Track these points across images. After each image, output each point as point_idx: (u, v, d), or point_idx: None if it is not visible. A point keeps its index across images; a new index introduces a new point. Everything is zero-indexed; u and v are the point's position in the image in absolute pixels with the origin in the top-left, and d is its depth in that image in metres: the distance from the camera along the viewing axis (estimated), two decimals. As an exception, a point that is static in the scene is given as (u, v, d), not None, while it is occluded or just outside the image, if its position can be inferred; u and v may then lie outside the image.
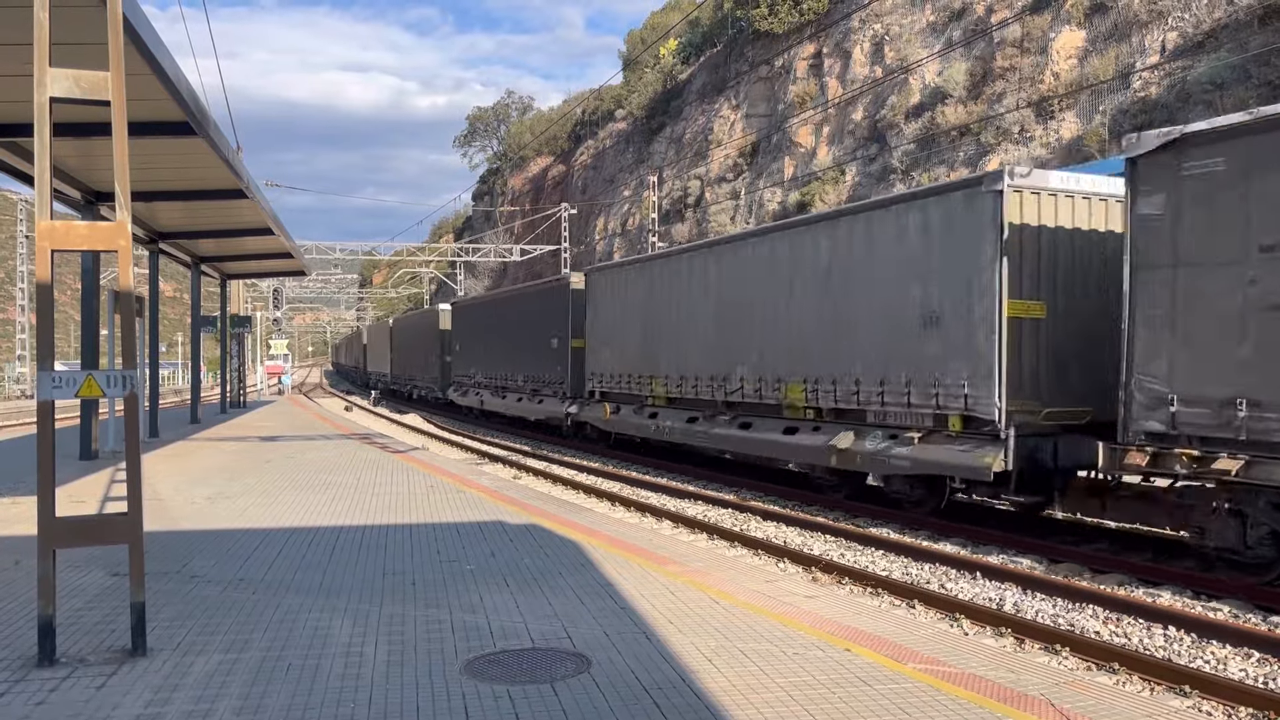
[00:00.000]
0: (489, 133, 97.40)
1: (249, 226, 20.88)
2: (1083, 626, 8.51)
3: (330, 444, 20.70)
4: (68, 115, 7.04)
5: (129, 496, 5.86)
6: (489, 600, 7.14)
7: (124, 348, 6.32)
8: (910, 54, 36.06)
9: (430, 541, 9.41)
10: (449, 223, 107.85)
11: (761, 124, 45.43)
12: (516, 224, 72.16)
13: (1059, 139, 28.17)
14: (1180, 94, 24.25)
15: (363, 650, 5.94)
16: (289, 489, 13.31)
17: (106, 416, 19.22)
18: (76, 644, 6.04)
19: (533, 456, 23.36)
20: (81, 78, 5.70)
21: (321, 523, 10.55)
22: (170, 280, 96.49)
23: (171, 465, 16.23)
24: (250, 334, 52.39)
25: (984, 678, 5.62)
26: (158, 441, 20.77)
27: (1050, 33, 30.14)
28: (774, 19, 43.74)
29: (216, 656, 5.81)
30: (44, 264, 5.77)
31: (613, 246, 56.78)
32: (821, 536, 12.81)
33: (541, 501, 12.76)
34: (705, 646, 6.05)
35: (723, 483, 17.87)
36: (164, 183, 15.97)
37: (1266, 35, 22.30)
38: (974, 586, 10.00)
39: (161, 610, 6.77)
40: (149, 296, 21.65)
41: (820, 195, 37.31)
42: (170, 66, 10.05)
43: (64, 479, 13.43)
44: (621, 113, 63.09)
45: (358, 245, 56.72)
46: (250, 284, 65.31)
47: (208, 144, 12.88)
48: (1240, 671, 7.35)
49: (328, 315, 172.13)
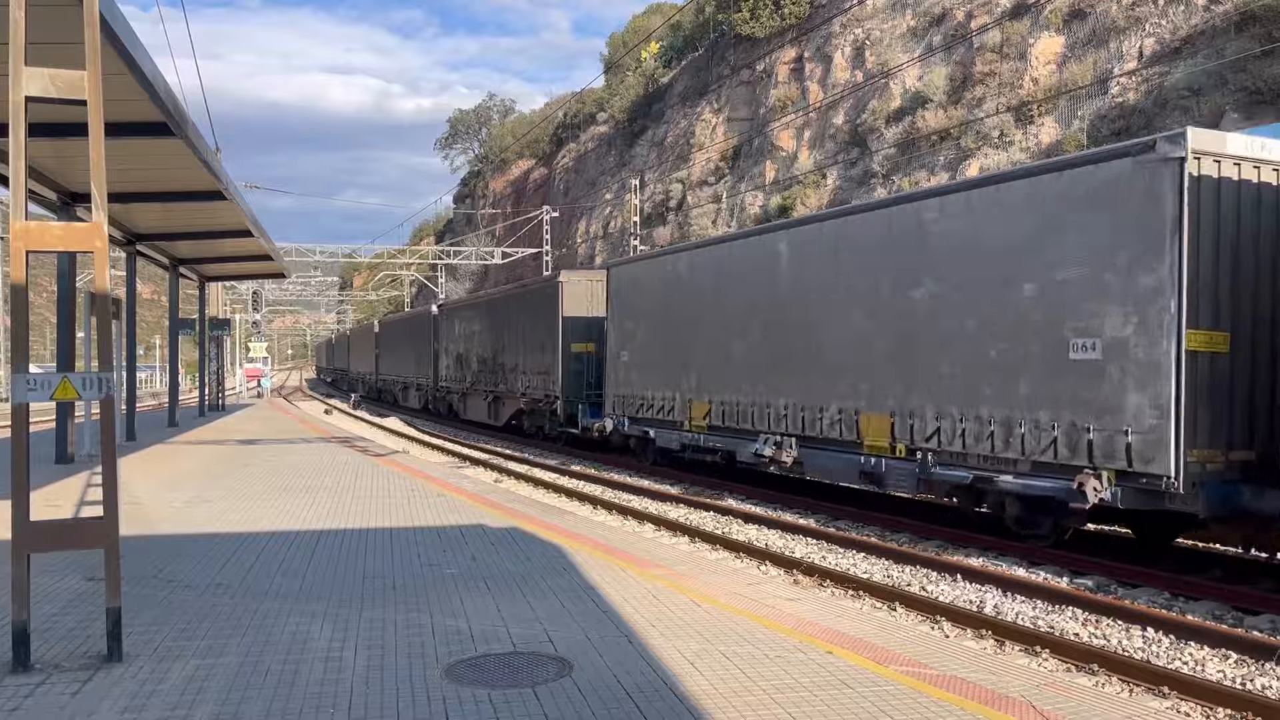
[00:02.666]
0: (470, 135, 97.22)
1: (228, 228, 20.73)
2: (1062, 628, 8.56)
3: (310, 447, 20.56)
4: (44, 115, 6.96)
5: (105, 500, 5.79)
6: (470, 604, 7.10)
7: (100, 350, 6.25)
8: (891, 59, 36.23)
9: (411, 545, 9.35)
10: (430, 225, 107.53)
11: (743, 128, 45.53)
12: (498, 227, 72.04)
13: (1038, 144, 28.37)
14: (1158, 100, 24.47)
15: (342, 655, 5.89)
16: (268, 493, 13.21)
17: (83, 420, 19.02)
18: (51, 650, 5.97)
19: (514, 460, 23.29)
20: (58, 77, 5.63)
21: (301, 527, 10.47)
22: (148, 282, 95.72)
23: (148, 469, 16.08)
24: (229, 337, 52.03)
25: (965, 679, 5.63)
26: (135, 445, 20.57)
27: (1029, 38, 30.35)
28: (755, 23, 43.85)
29: (194, 662, 5.75)
30: (19, 265, 5.70)
31: (594, 250, 56.75)
32: (803, 539, 12.82)
33: (523, 505, 12.72)
34: (687, 649, 6.03)
35: (705, 486, 17.87)
36: (142, 184, 15.83)
37: (1243, 42, 22.53)
38: (955, 589, 10.04)
39: (138, 615, 6.70)
40: (126, 299, 21.48)
41: (801, 199, 37.42)
42: (148, 66, 9.96)
43: (39, 482, 13.28)
44: (603, 116, 63.10)
45: (338, 248, 56.44)
46: (229, 286, 64.84)
47: (186, 145, 12.78)
48: (1218, 672, 7.40)
49: (308, 318, 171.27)
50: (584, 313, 24.03)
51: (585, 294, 24.21)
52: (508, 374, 28.35)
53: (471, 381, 32.12)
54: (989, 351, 11.38)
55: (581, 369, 23.75)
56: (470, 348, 32.57)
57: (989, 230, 11.46)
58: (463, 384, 33.35)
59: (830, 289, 14.22)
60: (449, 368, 35.47)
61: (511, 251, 56.15)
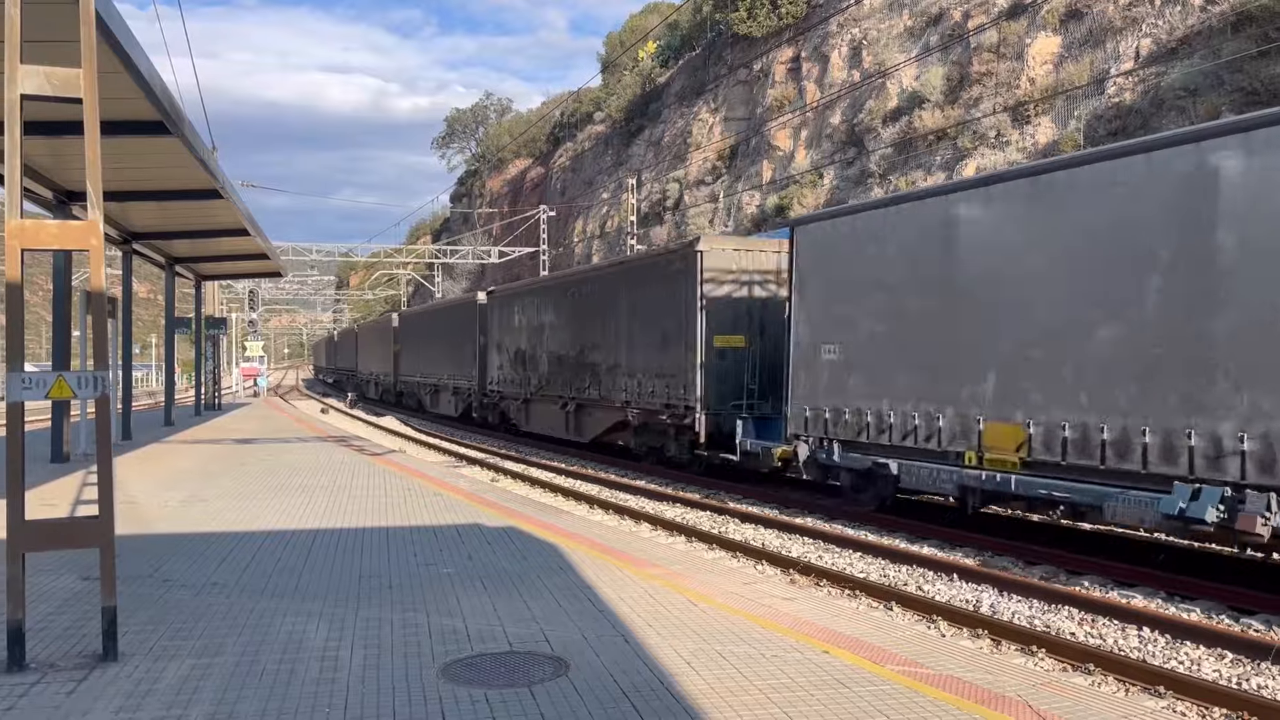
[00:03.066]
0: (467, 135, 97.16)
1: (225, 227, 20.70)
2: (1059, 628, 8.56)
3: (307, 447, 20.54)
4: (40, 113, 6.96)
5: (100, 499, 5.77)
6: (466, 603, 7.10)
7: (96, 349, 6.24)
8: (888, 59, 36.24)
9: (407, 544, 9.34)
10: (427, 224, 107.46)
11: (740, 127, 45.54)
12: (495, 225, 71.96)
13: (1035, 143, 28.40)
14: (1154, 100, 24.50)
15: (338, 654, 5.88)
16: (264, 492, 13.19)
17: (78, 419, 19.00)
18: (47, 649, 5.95)
19: (511, 459, 23.27)
20: (54, 75, 5.62)
21: (297, 526, 10.46)
22: (144, 281, 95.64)
23: (144, 468, 16.05)
24: (225, 336, 51.96)
25: (962, 679, 5.63)
26: (130, 444, 20.54)
27: (1026, 38, 30.38)
28: (752, 23, 43.85)
29: (189, 661, 5.73)
30: (14, 263, 5.69)
31: (591, 249, 56.74)
32: (800, 539, 12.82)
33: (519, 504, 12.71)
34: (684, 649, 6.03)
35: (701, 485, 17.86)
36: (138, 182, 15.80)
37: (1239, 42, 22.56)
38: (951, 588, 10.04)
39: (134, 615, 6.68)
40: (122, 297, 21.44)
41: (799, 199, 37.43)
42: (144, 65, 9.94)
43: (35, 482, 13.25)
44: (600, 115, 63.10)
45: (334, 246, 56.36)
46: (226, 285, 64.78)
47: (182, 144, 12.76)
48: (1214, 672, 7.41)
49: (304, 317, 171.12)
50: (732, 293, 17.85)
51: (733, 267, 17.88)
52: (601, 376, 21.99)
53: (539, 385, 25.82)
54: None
55: (731, 370, 17.54)
56: (537, 343, 26.07)
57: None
58: (524, 388, 26.98)
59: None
60: (503, 368, 28.95)
61: (508, 251, 56.13)
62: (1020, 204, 11.41)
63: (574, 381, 23.49)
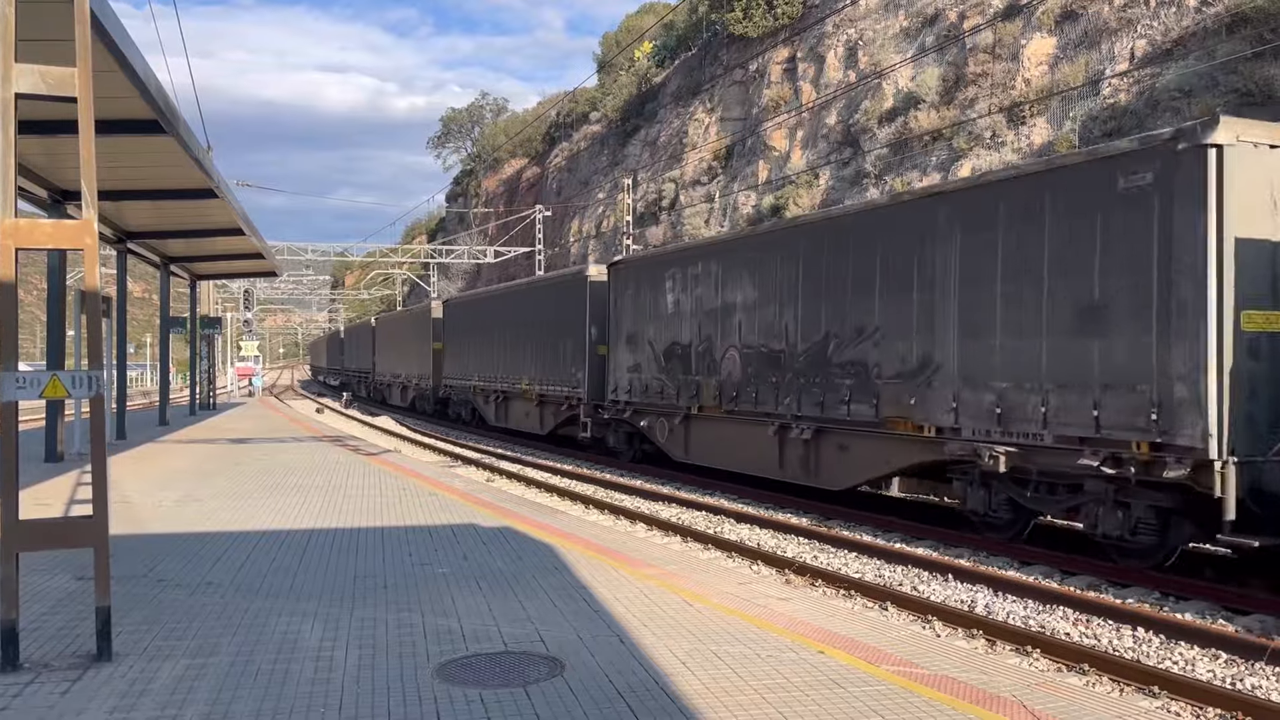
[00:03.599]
0: (463, 134, 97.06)
1: (220, 227, 20.67)
2: (1053, 628, 8.57)
3: (302, 446, 20.51)
4: (34, 112, 6.92)
5: (94, 499, 5.76)
6: (461, 603, 7.09)
7: (90, 348, 6.22)
8: (884, 59, 36.27)
9: (402, 544, 9.33)
10: (422, 224, 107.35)
11: (736, 127, 45.54)
12: (490, 225, 71.89)
13: (1030, 144, 28.43)
14: (1149, 101, 24.54)
15: (333, 654, 5.87)
16: (259, 492, 13.17)
17: (73, 418, 18.95)
18: (40, 649, 5.94)
19: (506, 459, 23.26)
20: (48, 74, 5.61)
21: (292, 526, 10.44)
22: (139, 281, 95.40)
23: (139, 468, 16.02)
24: (220, 335, 51.87)
25: (956, 679, 5.63)
26: (125, 444, 20.50)
27: (1022, 39, 30.42)
28: (748, 23, 43.86)
29: (184, 661, 5.72)
30: (8, 262, 5.67)
31: (587, 249, 56.71)
32: (795, 539, 12.83)
33: (515, 504, 12.71)
34: (679, 649, 6.03)
35: (697, 485, 17.86)
36: (132, 182, 15.77)
37: (1234, 43, 22.61)
38: (946, 588, 10.05)
39: (128, 615, 6.67)
40: (116, 297, 21.37)
41: (794, 199, 37.45)
42: (139, 63, 9.92)
43: (28, 481, 13.21)
44: (596, 115, 63.06)
45: (330, 246, 56.30)
46: (221, 285, 64.67)
47: (177, 143, 12.73)
48: (1208, 672, 7.42)
49: (299, 317, 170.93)
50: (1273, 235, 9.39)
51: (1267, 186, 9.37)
52: (879, 386, 13.37)
53: (716, 396, 17.40)
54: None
55: (1271, 375, 9.37)
56: (714, 333, 17.65)
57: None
58: (688, 400, 18.42)
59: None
60: (639, 369, 20.42)
61: (504, 251, 56.09)
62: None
63: (806, 391, 14.86)
